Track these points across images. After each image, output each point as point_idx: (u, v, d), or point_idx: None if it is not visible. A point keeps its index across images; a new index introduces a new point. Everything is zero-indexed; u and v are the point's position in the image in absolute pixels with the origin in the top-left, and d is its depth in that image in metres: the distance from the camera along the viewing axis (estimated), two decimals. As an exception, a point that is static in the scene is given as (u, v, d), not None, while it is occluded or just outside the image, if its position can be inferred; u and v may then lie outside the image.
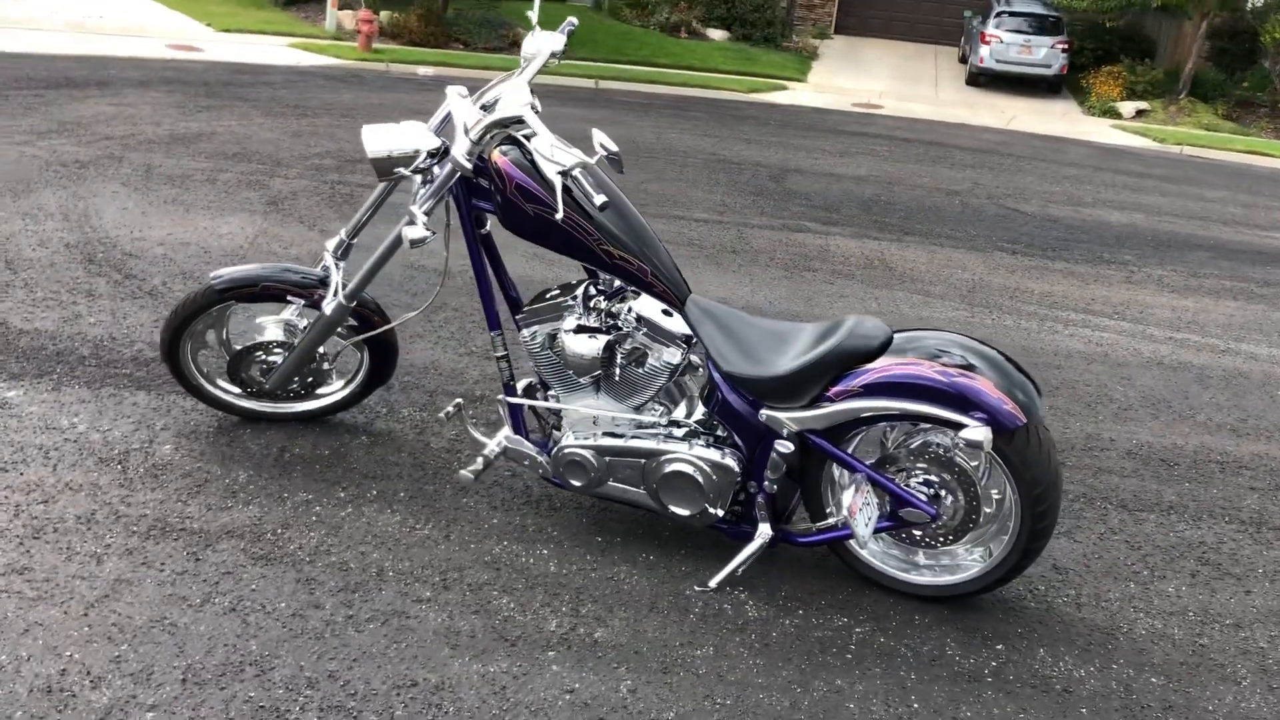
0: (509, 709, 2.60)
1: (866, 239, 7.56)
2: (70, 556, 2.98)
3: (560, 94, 13.32)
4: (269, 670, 2.63)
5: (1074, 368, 5.30)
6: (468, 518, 3.38)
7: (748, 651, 2.90)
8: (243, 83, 11.39)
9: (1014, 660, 2.97)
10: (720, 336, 3.11)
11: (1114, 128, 15.93)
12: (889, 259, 7.06)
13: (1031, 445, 2.90)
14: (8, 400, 3.81)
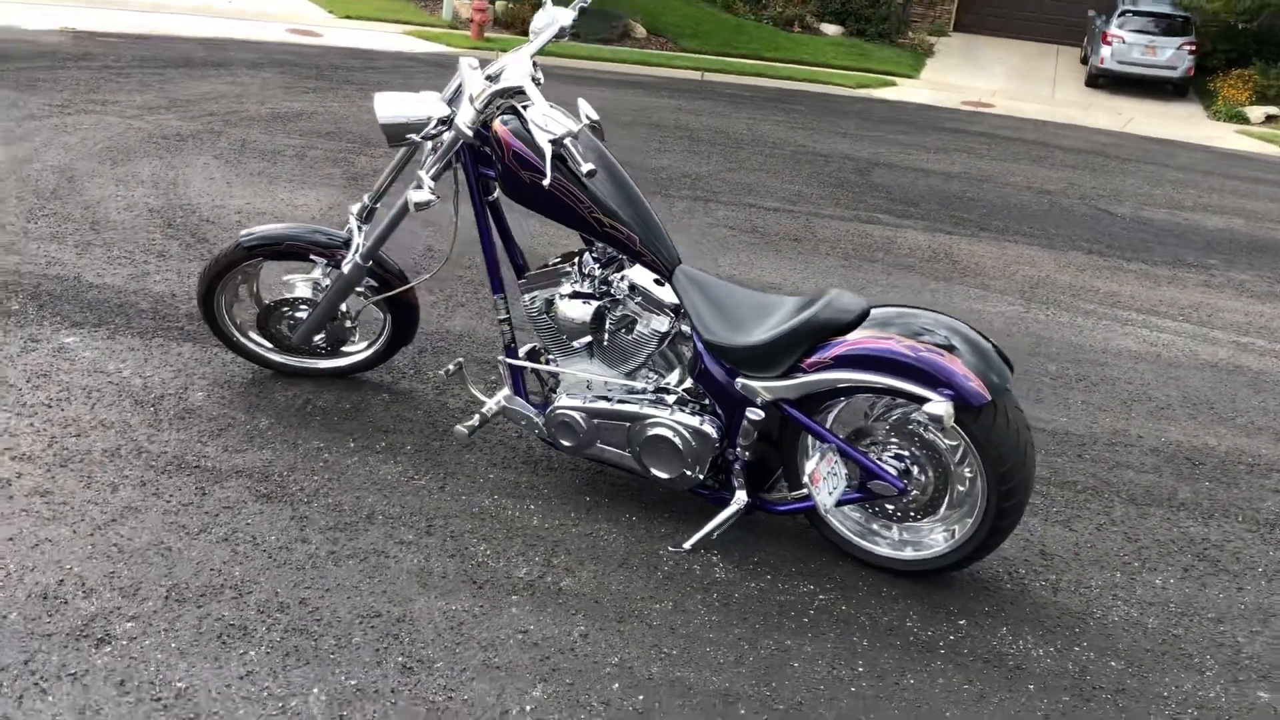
0: (461, 643, 2.74)
1: (938, 233, 7.52)
2: (89, 484, 3.23)
3: (665, 85, 13.49)
4: (246, 594, 2.83)
5: (1119, 365, 5.23)
6: (465, 472, 3.54)
7: (706, 609, 2.99)
8: (352, 67, 11.80)
9: (973, 636, 3.01)
10: (704, 306, 3.21)
11: (1239, 133, 15.37)
12: (956, 253, 7.02)
13: (999, 424, 2.94)
14: (65, 345, 4.11)
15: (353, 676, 2.57)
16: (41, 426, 3.50)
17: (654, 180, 8.02)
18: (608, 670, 2.70)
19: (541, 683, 2.63)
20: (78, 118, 7.81)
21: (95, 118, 7.83)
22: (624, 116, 10.64)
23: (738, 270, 6.06)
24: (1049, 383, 4.89)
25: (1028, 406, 4.35)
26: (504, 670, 2.66)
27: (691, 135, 10.05)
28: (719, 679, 2.71)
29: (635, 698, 2.61)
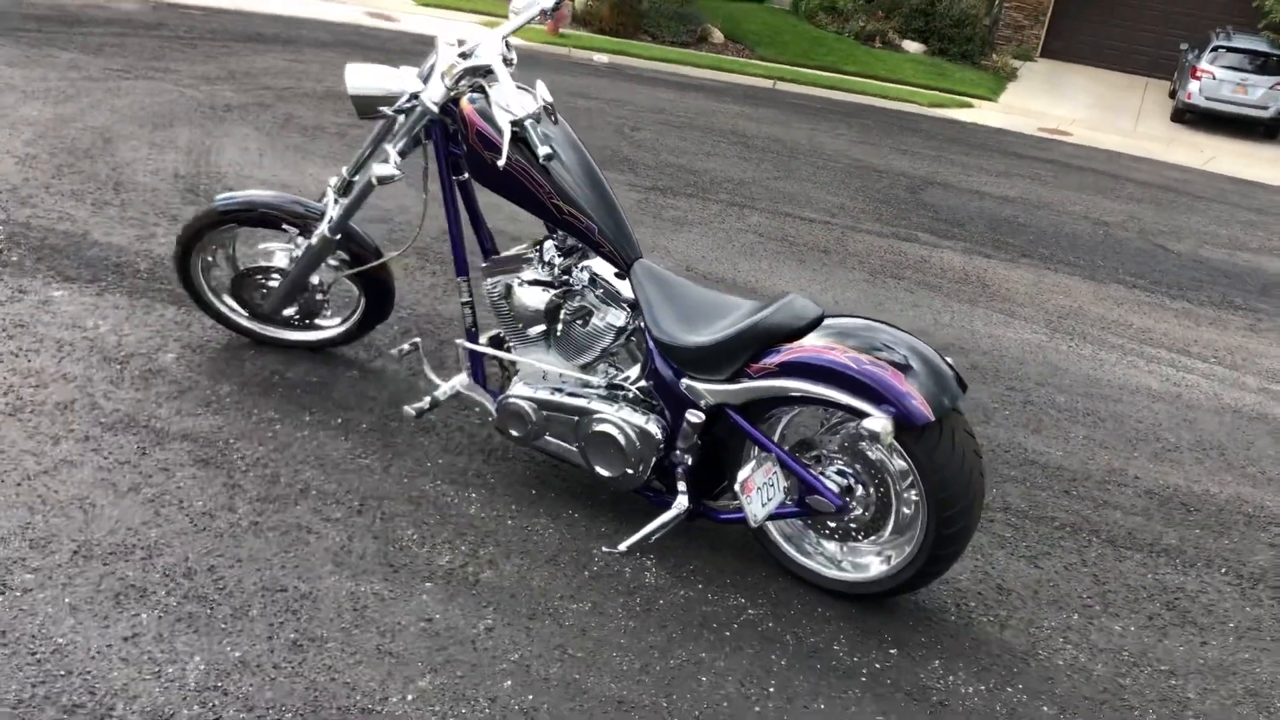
0: (360, 625, 2.69)
1: (976, 255, 7.33)
2: (32, 435, 3.23)
3: (733, 91, 13.41)
4: (156, 556, 2.80)
5: (1134, 403, 5.03)
6: (414, 454, 3.48)
7: (625, 613, 2.90)
8: (419, 51, 11.77)
9: (900, 666, 2.88)
10: (659, 302, 3.12)
11: (1326, 180, 14.81)
12: (989, 277, 6.82)
13: (943, 446, 2.81)
14: (51, 298, 4.14)
15: (239, 648, 2.52)
16: (3, 375, 3.51)
17: (694, 183, 7.93)
18: (504, 667, 2.62)
19: (431, 673, 2.55)
20: (133, 83, 7.93)
21: (151, 84, 7.94)
22: (680, 118, 10.56)
23: (755, 277, 5.94)
24: (1053, 414, 4.71)
25: (1024, 436, 4.20)
26: (396, 657, 2.59)
27: (746, 141, 9.93)
28: (618, 686, 2.62)
29: (524, 697, 2.53)
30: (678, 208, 7.22)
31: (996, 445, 4.28)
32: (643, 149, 8.84)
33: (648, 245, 6.14)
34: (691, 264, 6.00)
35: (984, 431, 4.36)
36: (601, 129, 9.37)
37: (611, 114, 10.20)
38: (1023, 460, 4.19)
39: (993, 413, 4.62)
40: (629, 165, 8.17)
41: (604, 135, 9.12)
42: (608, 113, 10.23)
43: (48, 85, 7.35)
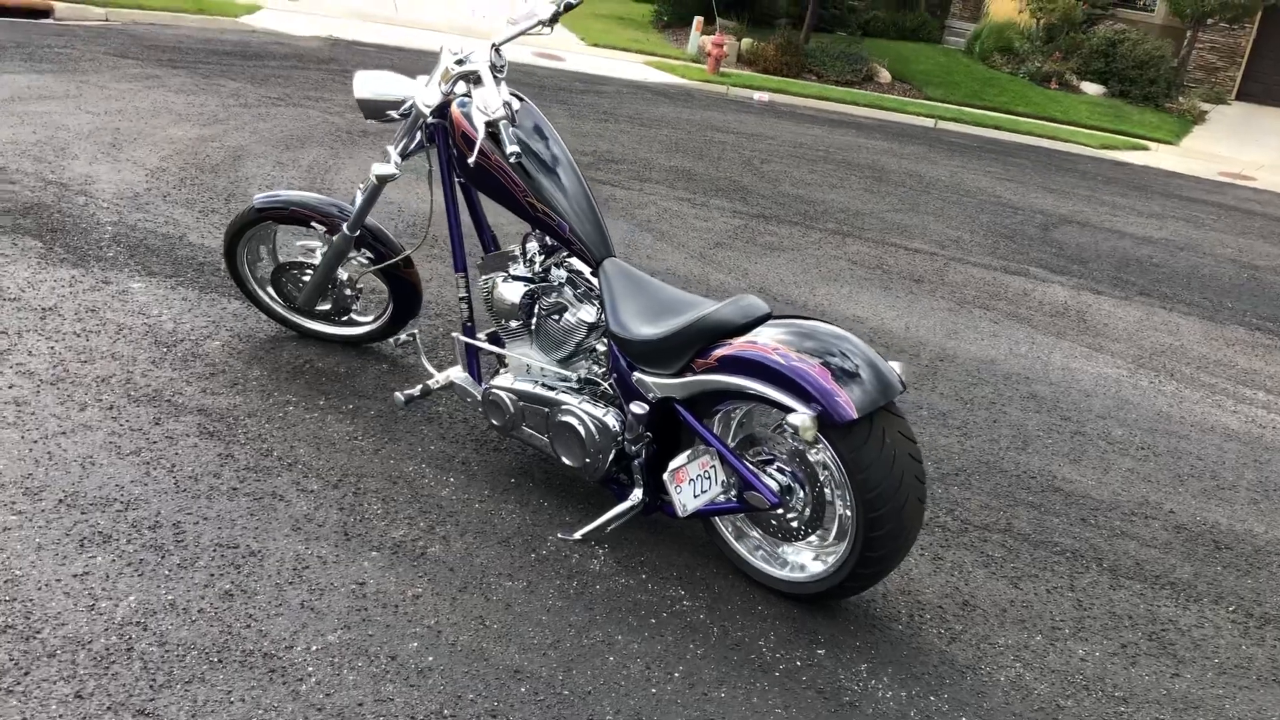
0: (294, 582, 2.88)
1: (1086, 291, 7.11)
2: (64, 401, 3.59)
3: (886, 128, 13.37)
4: (131, 510, 3.08)
5: (1200, 440, 4.82)
6: (410, 440, 3.69)
7: (556, 594, 3.00)
8: (574, 89, 12.30)
9: (823, 667, 2.89)
10: (622, 299, 3.23)
11: None
12: (1091, 312, 6.62)
13: (870, 445, 2.82)
14: (129, 289, 4.56)
15: (173, 593, 2.75)
16: (60, 350, 3.90)
17: (804, 212, 7.99)
18: (416, 630, 2.76)
19: (343, 629, 2.72)
20: (284, 109, 8.54)
21: (299, 110, 8.54)
22: (817, 153, 10.61)
23: (829, 301, 5.96)
24: (1101, 446, 4.57)
25: (1058, 464, 4.14)
26: (316, 613, 2.76)
27: (879, 176, 9.90)
28: (521, 657, 2.72)
29: (425, 658, 2.66)
30: (776, 234, 7.27)
31: (1023, 471, 4.19)
32: (764, 179, 8.92)
33: (729, 267, 6.24)
34: (767, 286, 6.05)
35: (1015, 457, 4.27)
36: (729, 161, 9.50)
37: (747, 147, 10.32)
38: (1046, 487, 4.08)
39: (1032, 440, 4.50)
40: (741, 194, 8.27)
41: (729, 166, 9.25)
42: (743, 146, 10.36)
43: (204, 110, 8.00)
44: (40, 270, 4.55)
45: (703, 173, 8.86)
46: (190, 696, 2.41)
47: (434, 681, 2.59)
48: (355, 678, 2.56)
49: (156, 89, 8.51)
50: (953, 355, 5.41)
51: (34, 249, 4.76)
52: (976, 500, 3.90)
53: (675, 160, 9.20)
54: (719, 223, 7.35)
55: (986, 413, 4.73)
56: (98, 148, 6.56)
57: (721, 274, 6.11)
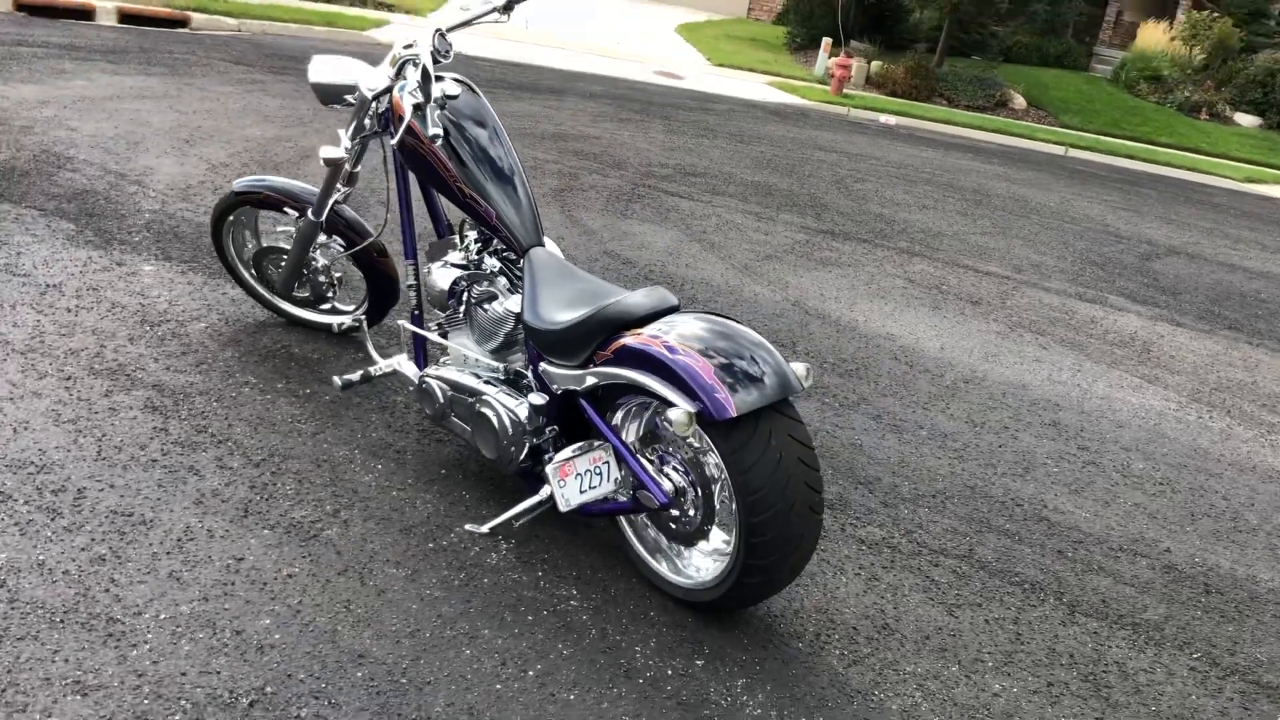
0: (170, 552, 2.90)
1: (1164, 323, 6.70)
2: (27, 370, 3.71)
3: (1007, 154, 12.97)
4: (42, 473, 3.15)
5: (1234, 480, 4.46)
6: (353, 425, 3.69)
7: (437, 585, 2.94)
8: (685, 106, 12.30)
9: (696, 679, 2.75)
10: (541, 288, 3.16)
11: None
12: (1160, 343, 6.23)
13: (753, 445, 2.68)
14: (139, 271, 4.71)
15: (47, 553, 2.79)
16: (44, 324, 4.04)
17: (877, 230, 7.79)
18: (275, 609, 2.73)
19: (200, 601, 2.71)
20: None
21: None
22: (920, 174, 10.34)
23: (868, 317, 5.78)
24: (1113, 478, 4.27)
25: (1055, 493, 3.95)
26: (180, 584, 2.76)
27: (980, 199, 9.58)
28: (372, 643, 2.66)
29: (271, 636, 2.63)
30: (837, 250, 7.07)
31: (1011, 498, 3.94)
32: (850, 198, 8.72)
33: (770, 280, 6.10)
34: (802, 300, 5.88)
35: (1007, 484, 4.04)
36: (820, 178, 9.32)
37: (845, 166, 10.12)
38: (1030, 516, 3.82)
39: (1035, 467, 4.22)
40: (818, 210, 8.10)
41: (817, 183, 9.08)
42: (842, 165, 10.16)
43: (293, 113, 8.25)
44: (61, 250, 4.72)
45: (784, 188, 8.70)
46: (14, 653, 2.41)
47: (269, 659, 2.54)
48: (190, 648, 2.53)
49: (255, 93, 8.81)
50: (981, 378, 5.13)
51: (64, 231, 4.95)
52: (944, 524, 3.66)
53: (760, 176, 9.06)
54: (780, 237, 7.18)
55: (994, 437, 4.46)
56: (171, 143, 6.81)
57: (759, 286, 5.95)
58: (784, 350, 5.00)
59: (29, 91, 7.50)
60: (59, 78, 8.07)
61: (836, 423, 4.31)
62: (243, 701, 2.41)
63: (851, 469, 3.93)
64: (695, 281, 5.81)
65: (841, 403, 4.53)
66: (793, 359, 4.69)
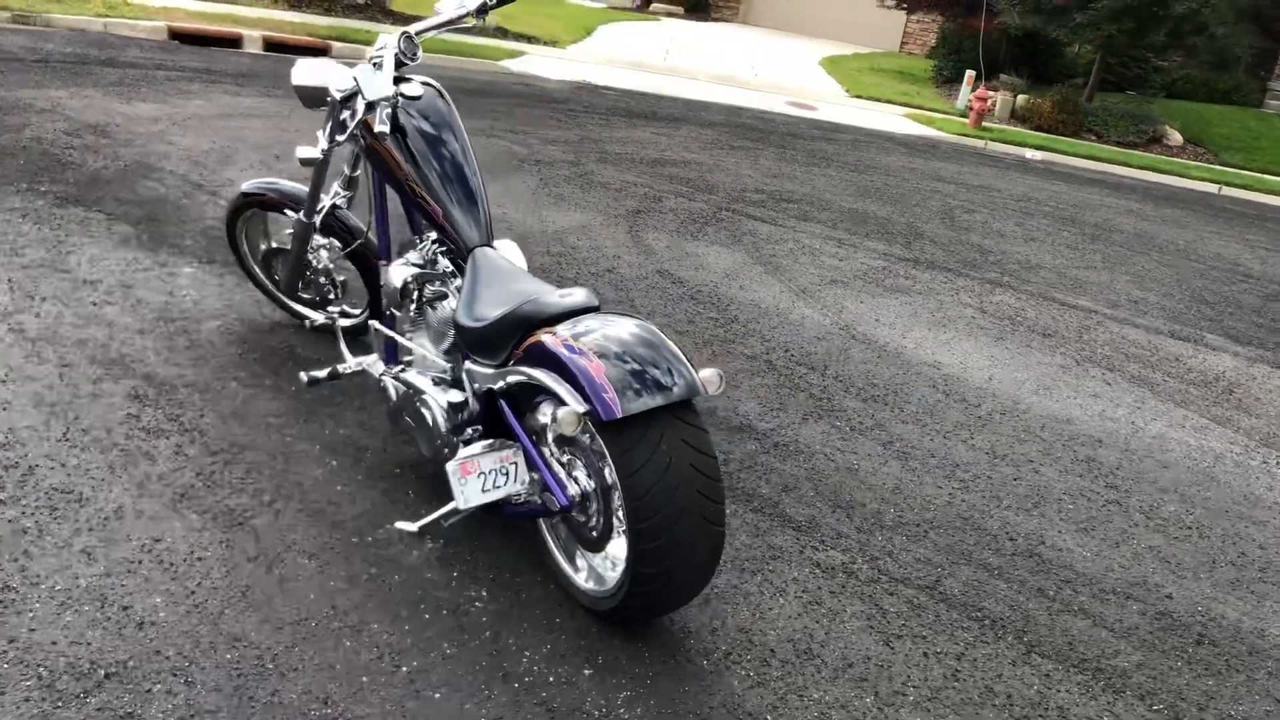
0: (92, 529, 2.99)
1: (1263, 364, 6.27)
2: (29, 355, 3.90)
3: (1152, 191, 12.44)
4: (4, 448, 3.30)
5: (1276, 527, 4.11)
6: (324, 423, 3.75)
7: (344, 577, 2.95)
8: (807, 135, 12.19)
9: (576, 687, 2.67)
10: (479, 288, 3.16)
11: None
12: (1248, 386, 5.82)
13: (641, 449, 2.61)
14: (179, 272, 4.92)
15: (-26, 522, 2.90)
16: (65, 315, 4.25)
17: (966, 260, 7.56)
18: (171, 589, 2.79)
19: (100, 576, 2.79)
20: (476, 139, 8.89)
21: (491, 140, 8.94)
22: (1041, 208, 9.99)
23: (914, 344, 5.62)
24: (1135, 519, 4.01)
25: (1057, 529, 3.85)
26: (88, 557, 2.85)
27: (1100, 234, 9.19)
28: (252, 628, 2.69)
29: (155, 615, 2.69)
30: (912, 278, 6.87)
31: (1004, 532, 3.76)
32: (952, 228, 8.48)
33: (825, 304, 5.97)
34: (854, 324, 5.72)
35: (1007, 517, 3.88)
36: (925, 209, 9.09)
37: (960, 198, 9.84)
38: (1020, 551, 3.61)
39: (1047, 503, 3.99)
40: (909, 239, 7.89)
41: (919, 213, 8.86)
42: (957, 197, 9.88)
43: (386, 132, 8.45)
44: (110, 250, 4.96)
45: (881, 216, 8.49)
46: (-102, 611, 2.50)
47: (144, 635, 2.58)
48: (71, 619, 2.59)
49: (364, 115, 9.07)
50: (1023, 410, 4.87)
51: (121, 233, 5.20)
52: (917, 554, 3.48)
53: (860, 204, 8.87)
54: (855, 263, 7.00)
55: (1012, 470, 4.21)
56: (261, 158, 7.10)
57: (810, 309, 5.81)
58: (812, 374, 4.87)
59: (146, 109, 7.92)
60: (181, 97, 8.50)
61: (839, 446, 4.14)
62: (99, 673, 2.45)
63: (836, 492, 3.76)
64: (743, 303, 5.70)
65: (853, 427, 4.35)
66: (822, 382, 4.56)
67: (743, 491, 3.68)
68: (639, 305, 5.39)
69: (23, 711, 2.31)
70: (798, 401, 4.53)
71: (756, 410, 4.37)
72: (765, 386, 4.64)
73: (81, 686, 2.40)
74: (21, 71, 8.48)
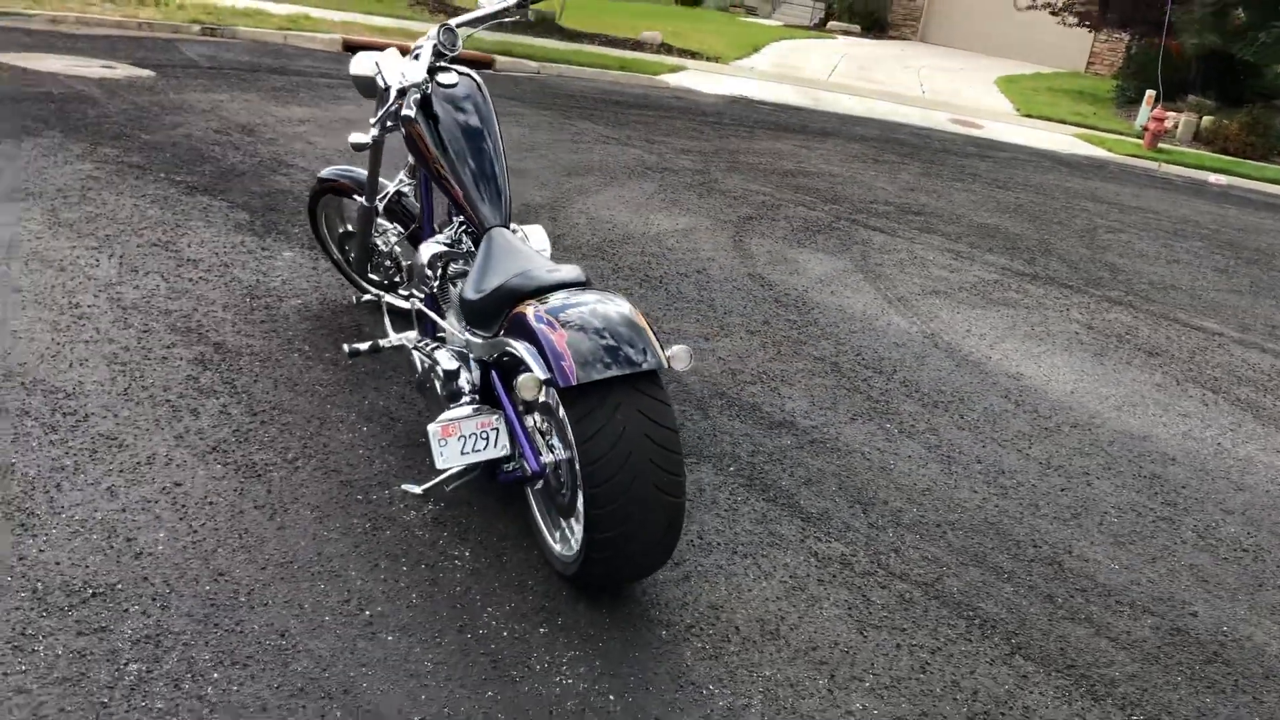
0: (122, 471, 3.26)
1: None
2: (116, 321, 4.26)
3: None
4: (70, 397, 3.64)
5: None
6: (366, 392, 3.98)
7: (337, 529, 3.14)
8: (961, 152, 12.02)
9: (526, 642, 2.78)
10: (484, 264, 3.34)
11: None
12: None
13: (596, 416, 2.72)
14: (280, 255, 5.29)
15: (19, 457, 3.23)
16: (160, 288, 4.64)
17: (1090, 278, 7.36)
18: (176, 526, 3.03)
19: (116, 511, 3.05)
20: (609, 146, 9.21)
21: (623, 148, 9.16)
22: (1200, 229, 9.62)
23: (1002, 356, 5.52)
24: (1186, 537, 3.89)
25: (1090, 539, 3.79)
26: (110, 494, 3.12)
27: (1254, 259, 8.83)
28: (238, 565, 2.89)
29: (155, 547, 2.93)
30: (1024, 291, 6.73)
31: (1029, 539, 3.72)
32: (1088, 246, 8.24)
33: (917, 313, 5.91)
34: (941, 333, 5.66)
35: (1039, 525, 3.84)
36: (1066, 227, 8.85)
37: (1110, 217, 9.54)
38: (1040, 558, 3.55)
39: (1088, 515, 3.90)
40: (1034, 254, 7.72)
41: (1058, 231, 8.65)
42: (1106, 216, 9.58)
43: (529, 140, 8.81)
44: (222, 235, 5.36)
45: (1013, 232, 8.31)
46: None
47: (138, 563, 2.83)
48: (78, 545, 2.87)
49: (509, 122, 9.46)
50: (1097, 424, 4.73)
51: (237, 220, 5.61)
52: (926, 552, 3.46)
53: (993, 219, 8.70)
54: (965, 275, 6.90)
55: (1061, 480, 4.12)
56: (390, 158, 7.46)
57: (899, 317, 5.77)
58: (878, 377, 4.86)
59: (298, 112, 8.45)
60: (333, 102, 9.02)
61: (880, 446, 4.12)
62: (88, 592, 2.69)
63: (860, 490, 3.76)
64: (829, 308, 5.70)
65: (902, 429, 4.32)
66: (885, 386, 4.56)
67: (761, 482, 3.70)
68: (718, 305, 5.45)
69: (11, 618, 2.55)
70: (852, 402, 4.51)
71: (804, 408, 4.38)
72: (822, 386, 4.63)
73: (69, 602, 2.63)
74: (195, 78, 9.15)
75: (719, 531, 3.35)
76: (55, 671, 2.40)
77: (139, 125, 7.17)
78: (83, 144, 6.50)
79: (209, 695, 2.40)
